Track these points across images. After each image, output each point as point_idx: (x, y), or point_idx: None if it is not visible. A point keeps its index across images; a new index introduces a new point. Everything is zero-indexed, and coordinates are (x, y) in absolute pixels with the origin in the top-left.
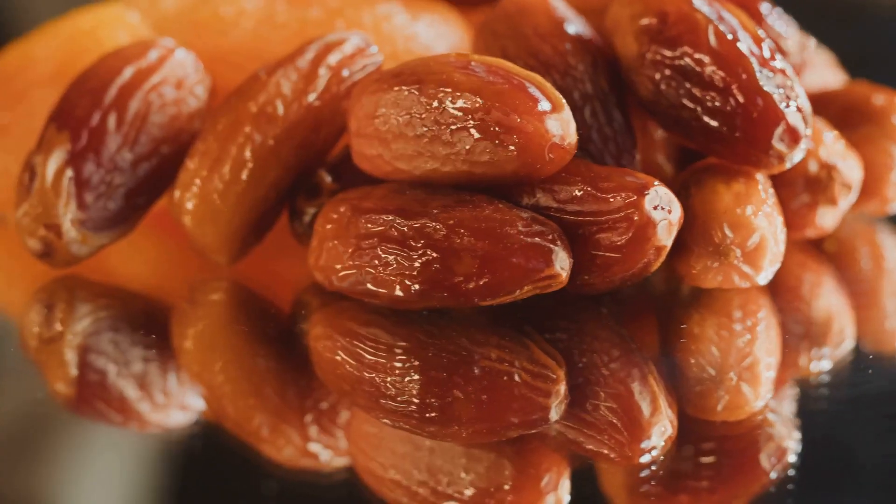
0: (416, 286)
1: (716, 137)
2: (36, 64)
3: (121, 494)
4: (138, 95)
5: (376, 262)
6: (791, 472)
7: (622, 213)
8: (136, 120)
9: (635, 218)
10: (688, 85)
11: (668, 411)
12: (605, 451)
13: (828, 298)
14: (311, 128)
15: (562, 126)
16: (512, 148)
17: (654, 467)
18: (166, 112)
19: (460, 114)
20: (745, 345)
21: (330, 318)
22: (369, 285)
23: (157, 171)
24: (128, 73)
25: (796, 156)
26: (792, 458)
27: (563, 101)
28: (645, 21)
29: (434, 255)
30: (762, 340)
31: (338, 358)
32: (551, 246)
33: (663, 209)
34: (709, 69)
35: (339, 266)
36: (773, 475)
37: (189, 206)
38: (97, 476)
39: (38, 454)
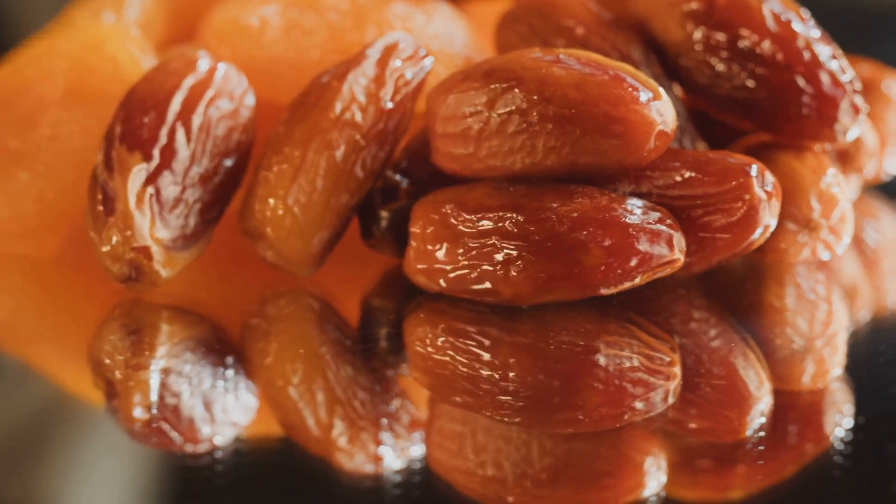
0: (541, 280)
1: (783, 115)
2: (40, 83)
3: (122, 498)
4: (199, 110)
5: (495, 259)
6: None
7: (733, 195)
8: (201, 134)
9: (746, 198)
10: (750, 66)
11: (769, 384)
12: (712, 430)
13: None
14: (385, 131)
15: (664, 112)
16: (618, 138)
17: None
18: (224, 125)
19: (565, 108)
20: (826, 314)
21: (430, 319)
22: (488, 283)
23: (223, 184)
24: (185, 87)
25: (857, 128)
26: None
27: (660, 87)
28: (690, 6)
29: (560, 247)
30: (837, 309)
31: (446, 358)
32: (672, 231)
33: (767, 189)
34: (770, 49)
35: (449, 267)
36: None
37: (273, 217)
38: (98, 480)
39: (39, 458)
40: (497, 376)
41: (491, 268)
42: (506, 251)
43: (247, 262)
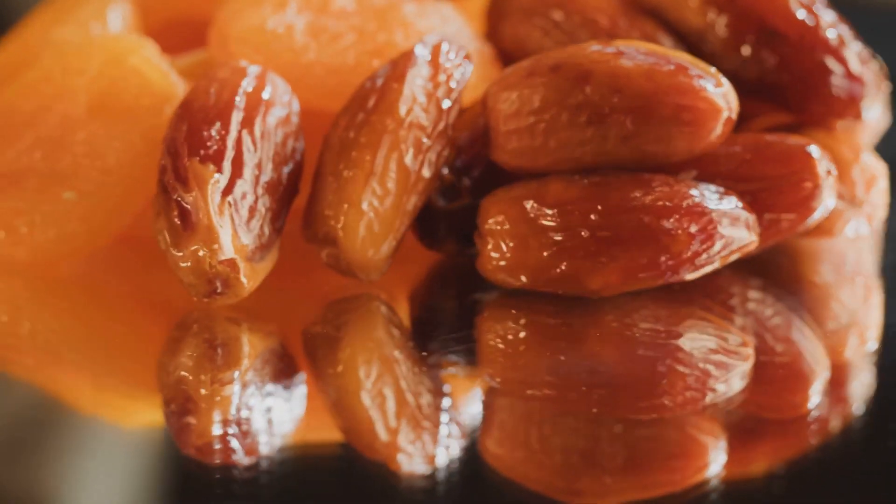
0: (630, 269)
1: (813, 96)
2: (60, 101)
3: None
4: (259, 118)
5: (581, 251)
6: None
7: (797, 176)
8: (264, 142)
9: (810, 178)
10: (778, 49)
11: (827, 360)
12: (775, 407)
13: None
14: (445, 131)
15: (729, 99)
16: (688, 125)
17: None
18: (281, 132)
19: (636, 99)
20: (864, 290)
21: (506, 315)
22: (574, 276)
23: (286, 191)
24: (242, 96)
25: (880, 105)
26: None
27: (720, 74)
28: None
29: (648, 236)
30: (871, 285)
31: (527, 352)
32: (749, 214)
33: (828, 169)
34: (797, 31)
35: (532, 262)
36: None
37: (347, 223)
38: (97, 478)
39: (36, 456)
40: (582, 367)
41: (577, 260)
42: (593, 243)
43: (301, 269)
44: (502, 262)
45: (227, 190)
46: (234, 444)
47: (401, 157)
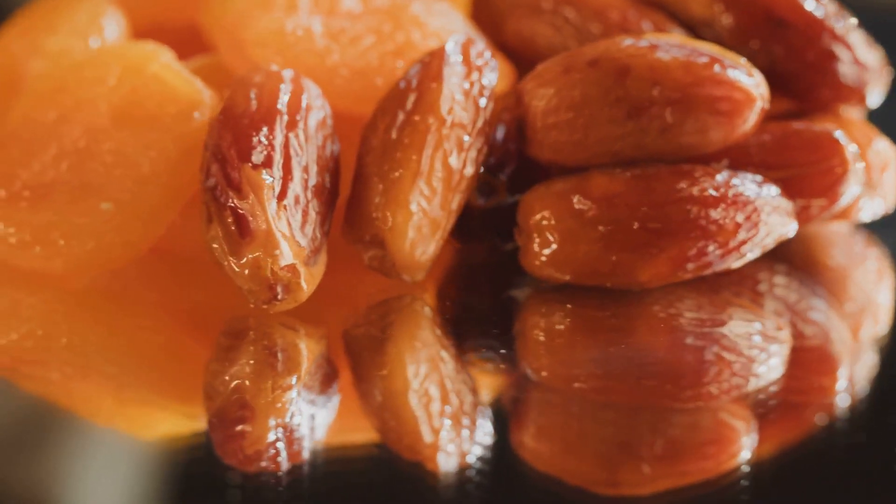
0: (680, 260)
1: (822, 83)
2: (80, 111)
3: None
4: (300, 122)
5: (631, 243)
6: None
7: (827, 163)
8: (308, 146)
9: (839, 164)
10: (786, 38)
11: (854, 344)
12: (804, 397)
13: None
14: (483, 128)
15: (762, 88)
16: (724, 115)
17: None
18: (321, 135)
19: (674, 91)
20: (875, 272)
21: (552, 309)
22: (624, 268)
23: (331, 194)
24: (283, 101)
25: (881, 92)
26: None
27: (750, 64)
28: None
29: (697, 227)
30: (883, 266)
31: (575, 345)
32: (788, 202)
33: (855, 154)
34: (804, 23)
35: (582, 256)
36: None
37: (396, 224)
38: (94, 480)
39: (35, 458)
40: (632, 358)
41: (628, 252)
42: (642, 235)
43: (336, 271)
44: (549, 258)
45: (282, 195)
46: (284, 450)
47: (445, 156)
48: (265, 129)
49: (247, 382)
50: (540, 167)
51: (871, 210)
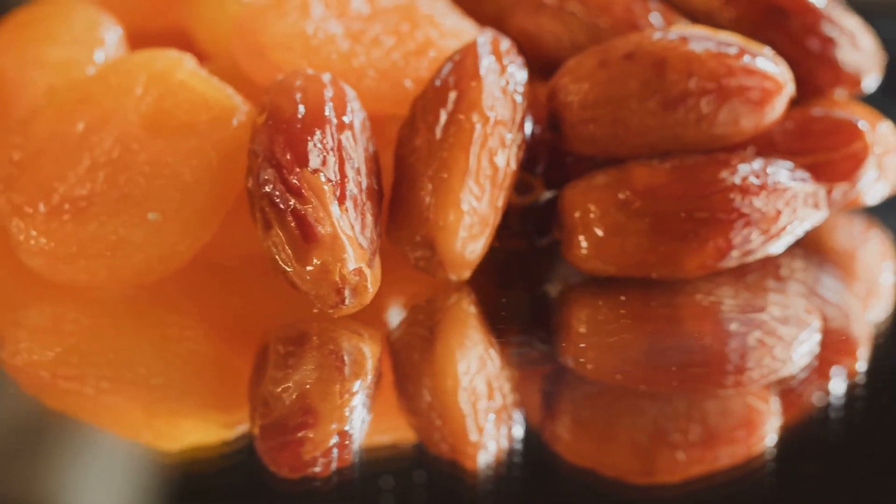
0: (727, 249)
1: (820, 69)
2: (110, 122)
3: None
4: (348, 126)
5: (679, 233)
6: None
7: (850, 149)
8: (357, 148)
9: (861, 149)
10: (786, 28)
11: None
12: (824, 380)
13: None
14: (521, 124)
15: (787, 75)
16: (756, 104)
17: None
18: (364, 136)
19: (709, 83)
20: (878, 255)
21: (595, 300)
22: (673, 257)
23: (378, 196)
24: (329, 104)
25: (877, 77)
26: None
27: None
28: None
29: (743, 215)
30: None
31: (623, 335)
32: (820, 188)
33: (874, 140)
34: (802, 10)
35: (631, 248)
36: None
37: (448, 223)
38: (92, 481)
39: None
40: (679, 347)
41: (675, 242)
42: (689, 225)
43: None
44: (596, 251)
45: (341, 198)
46: (337, 454)
47: (491, 154)
48: (318, 133)
49: (312, 387)
50: (572, 163)
51: (875, 194)
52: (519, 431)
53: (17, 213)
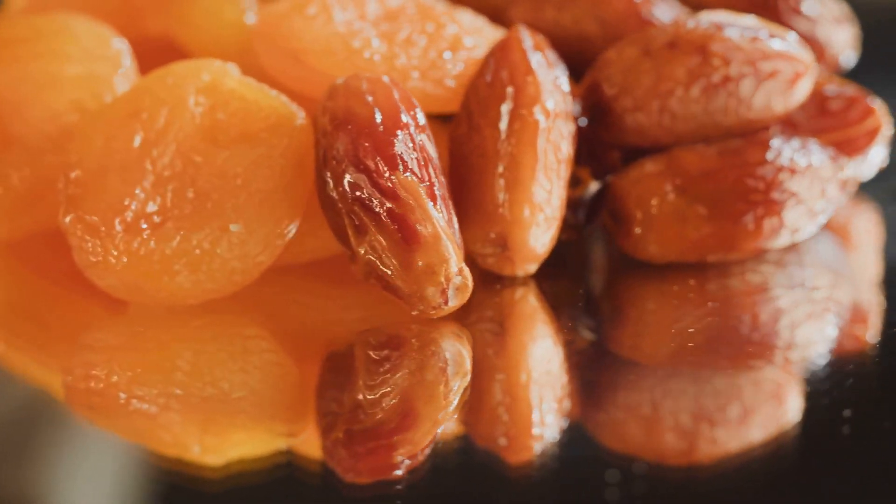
0: (779, 228)
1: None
2: (166, 135)
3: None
4: (422, 128)
5: (738, 216)
6: None
7: (864, 125)
8: (431, 147)
9: (874, 125)
10: (774, 5)
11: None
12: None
13: None
14: (575, 117)
15: (812, 58)
16: (788, 87)
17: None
18: (428, 135)
19: (747, 67)
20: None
21: (657, 287)
22: (732, 241)
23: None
24: (400, 105)
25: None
26: None
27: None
28: None
29: (796, 195)
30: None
31: (685, 318)
32: (844, 168)
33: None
34: None
35: (691, 233)
36: None
37: (525, 219)
38: (87, 479)
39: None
40: (736, 327)
41: (734, 224)
42: (744, 207)
43: None
44: (653, 239)
45: (433, 198)
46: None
47: (555, 147)
48: (401, 135)
49: (415, 389)
50: (615, 153)
51: (870, 168)
52: (585, 423)
53: (92, 233)
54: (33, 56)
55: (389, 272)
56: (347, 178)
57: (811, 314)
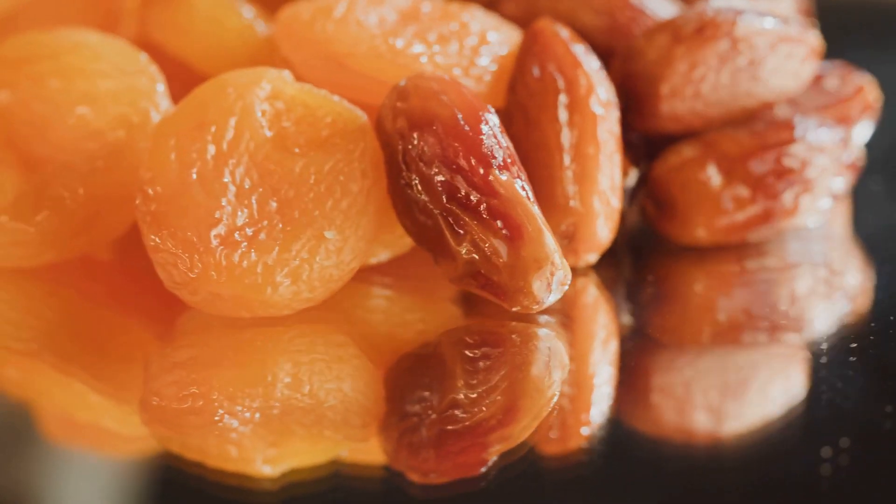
0: (812, 203)
1: None
2: (238, 146)
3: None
4: (500, 125)
5: (776, 196)
6: None
7: (854, 99)
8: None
9: (866, 100)
10: None
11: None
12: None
13: None
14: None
15: (817, 36)
16: (801, 68)
17: None
18: None
19: (770, 50)
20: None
21: (705, 269)
22: (771, 219)
23: None
24: (474, 103)
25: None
26: None
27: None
28: None
29: (826, 170)
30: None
31: (733, 298)
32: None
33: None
34: None
35: (735, 216)
36: None
37: (595, 210)
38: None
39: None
40: (776, 305)
41: (774, 202)
42: (783, 186)
43: None
44: (700, 221)
45: (528, 194)
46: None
47: (612, 135)
48: (486, 132)
49: (519, 385)
50: (645, 140)
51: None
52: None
53: (188, 249)
54: (52, 74)
55: (495, 269)
56: (439, 178)
57: None
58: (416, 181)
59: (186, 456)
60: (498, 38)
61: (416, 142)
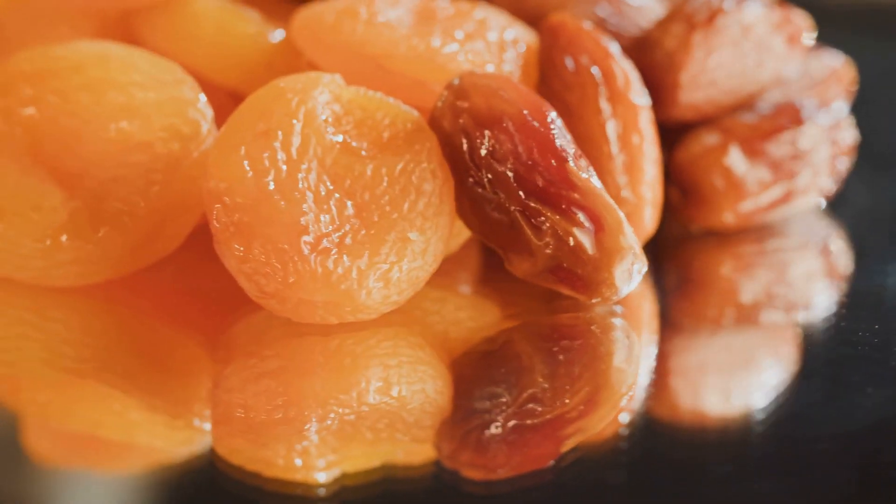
0: (831, 182)
1: None
2: (306, 153)
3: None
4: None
5: (793, 176)
6: None
7: (832, 83)
8: None
9: (848, 76)
10: None
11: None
12: None
13: None
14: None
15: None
16: (799, 52)
17: None
18: None
19: (774, 35)
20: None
21: (730, 251)
22: (790, 199)
23: None
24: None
25: None
26: None
27: None
28: None
29: (840, 148)
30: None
31: (758, 280)
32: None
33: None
34: None
35: (760, 198)
36: None
37: (644, 200)
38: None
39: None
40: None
41: (794, 182)
42: (798, 165)
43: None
44: (727, 206)
45: (601, 185)
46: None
47: (650, 124)
48: (554, 128)
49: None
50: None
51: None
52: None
53: (281, 258)
54: (79, 88)
55: (580, 262)
56: (515, 175)
57: None
58: (489, 179)
59: (247, 468)
60: (514, 34)
61: (486, 139)
